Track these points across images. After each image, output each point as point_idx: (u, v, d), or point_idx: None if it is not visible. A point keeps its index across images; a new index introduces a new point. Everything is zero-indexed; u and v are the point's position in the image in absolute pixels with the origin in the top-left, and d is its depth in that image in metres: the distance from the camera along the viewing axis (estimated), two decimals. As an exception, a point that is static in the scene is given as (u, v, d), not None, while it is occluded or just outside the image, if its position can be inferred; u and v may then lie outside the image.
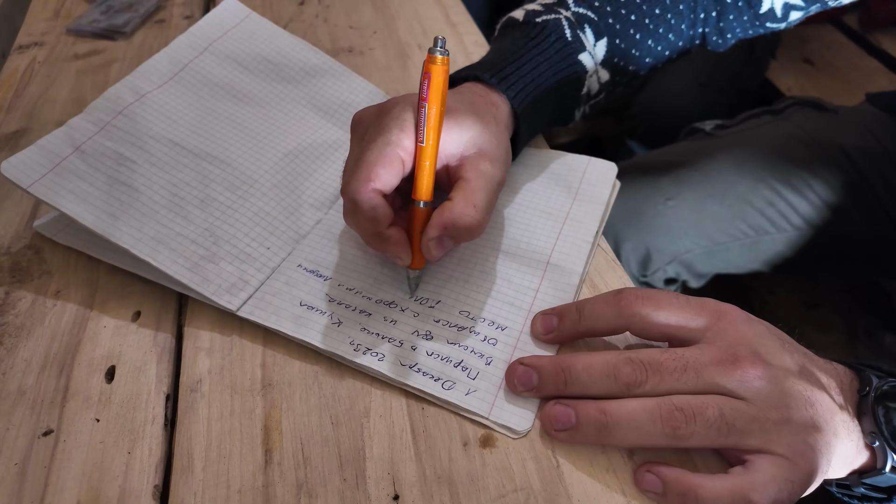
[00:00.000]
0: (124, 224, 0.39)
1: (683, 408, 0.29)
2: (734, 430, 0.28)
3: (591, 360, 0.31)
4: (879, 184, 0.66)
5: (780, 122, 0.73)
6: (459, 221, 0.34)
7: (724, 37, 0.52)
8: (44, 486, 0.31)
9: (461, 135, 0.37)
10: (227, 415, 0.34)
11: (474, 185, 0.35)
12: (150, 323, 0.38)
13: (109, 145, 0.42)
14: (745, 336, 0.31)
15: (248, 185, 0.43)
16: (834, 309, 1.00)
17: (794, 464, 0.28)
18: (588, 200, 0.44)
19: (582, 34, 0.46)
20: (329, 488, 0.30)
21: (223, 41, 0.52)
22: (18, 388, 0.35)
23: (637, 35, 0.48)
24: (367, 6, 0.70)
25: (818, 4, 0.51)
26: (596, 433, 0.30)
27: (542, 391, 0.32)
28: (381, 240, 0.35)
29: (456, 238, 0.35)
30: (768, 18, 0.51)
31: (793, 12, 0.51)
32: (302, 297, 0.38)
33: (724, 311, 0.32)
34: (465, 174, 0.36)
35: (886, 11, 1.18)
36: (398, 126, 0.35)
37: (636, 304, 0.32)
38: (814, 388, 0.30)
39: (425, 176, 0.35)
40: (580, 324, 0.34)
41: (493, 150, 0.37)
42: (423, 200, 0.36)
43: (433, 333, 0.36)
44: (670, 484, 0.29)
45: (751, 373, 0.29)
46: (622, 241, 0.69)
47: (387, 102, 0.37)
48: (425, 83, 0.34)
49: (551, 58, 0.44)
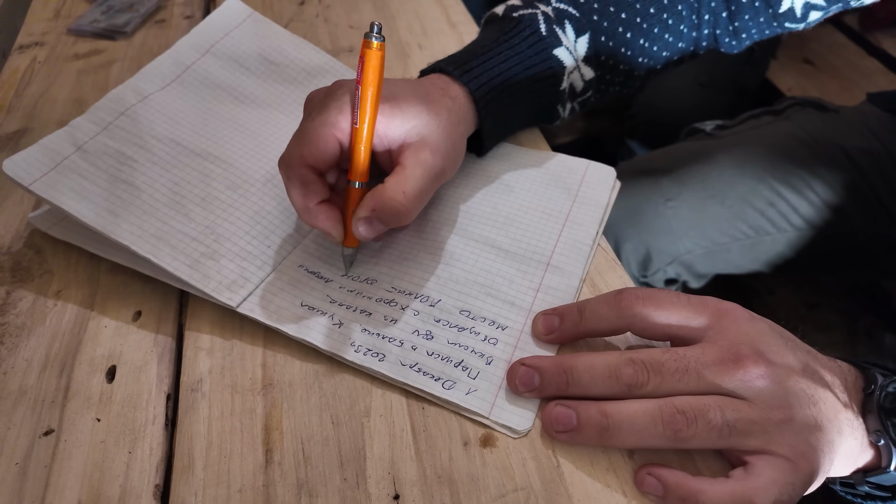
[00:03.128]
0: (125, 221, 0.39)
1: (685, 410, 0.29)
2: (735, 432, 0.28)
3: (593, 361, 0.31)
4: (880, 184, 0.66)
5: (780, 123, 0.72)
6: (387, 205, 0.35)
7: (739, 37, 0.51)
8: (45, 485, 0.31)
9: (404, 122, 0.37)
10: (228, 414, 0.34)
11: (409, 173, 0.36)
12: (150, 323, 0.38)
13: (111, 144, 0.42)
14: (748, 334, 0.31)
15: (249, 183, 0.43)
16: (834, 309, 1.00)
17: (795, 465, 0.28)
18: (588, 203, 0.44)
19: (559, 29, 0.45)
20: (329, 488, 0.31)
21: (225, 42, 0.52)
22: (19, 388, 0.35)
23: (628, 34, 0.48)
24: (367, 6, 0.70)
25: (840, 4, 0.49)
26: (597, 435, 0.30)
27: (543, 392, 0.32)
28: (310, 214, 0.36)
29: (384, 221, 0.36)
30: (787, 18, 0.50)
31: (813, 12, 0.50)
32: (303, 297, 0.38)
33: (725, 309, 0.32)
34: (404, 161, 0.36)
35: (886, 11, 1.18)
36: (337, 108, 0.36)
37: (637, 304, 0.32)
38: (817, 386, 0.30)
39: (360, 157, 0.36)
40: (581, 324, 0.34)
41: (436, 141, 0.37)
42: (357, 181, 0.37)
43: (433, 333, 0.36)
44: (671, 488, 0.29)
45: (753, 372, 0.29)
46: (622, 241, 0.68)
47: (333, 85, 0.38)
48: (359, 67, 0.35)
49: (522, 52, 0.44)
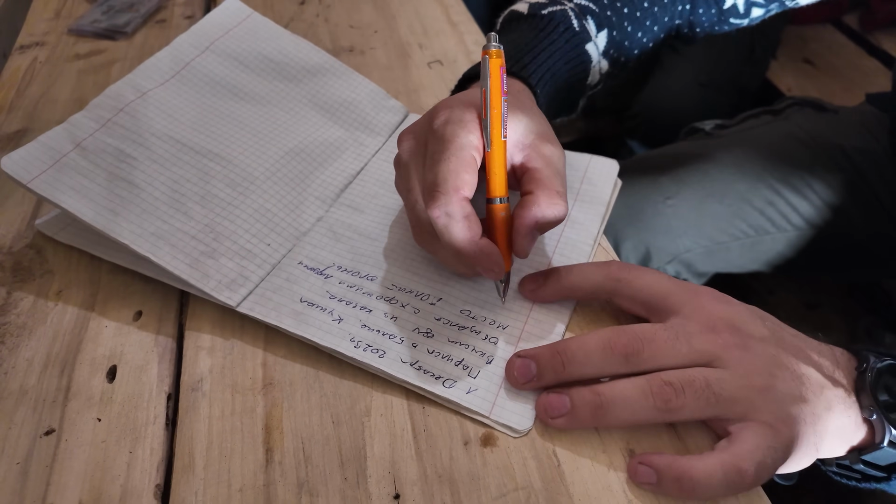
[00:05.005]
0: (124, 220, 0.39)
1: (672, 382, 0.30)
2: (721, 399, 0.29)
3: (585, 339, 0.32)
4: (879, 184, 0.66)
5: (779, 122, 0.73)
6: (550, 211, 0.34)
7: (694, 31, 0.54)
8: (45, 485, 0.31)
9: (517, 124, 0.36)
10: (229, 414, 0.34)
11: (548, 172, 0.35)
12: (151, 322, 0.38)
13: (110, 142, 0.42)
14: (724, 310, 0.32)
15: (248, 182, 0.43)
16: (834, 309, 1.00)
17: (776, 430, 0.29)
18: (589, 202, 0.44)
19: (587, 24, 0.46)
20: (330, 487, 0.31)
21: (225, 40, 0.52)
22: (20, 388, 0.35)
23: (629, 27, 0.49)
24: (367, 6, 0.70)
25: (777, 3, 0.53)
26: (591, 415, 0.31)
27: (542, 379, 0.33)
28: (479, 249, 0.33)
29: (545, 229, 0.35)
30: (731, 14, 0.53)
31: (754, 9, 0.53)
32: (302, 293, 0.38)
33: (700, 289, 0.34)
34: (533, 164, 0.35)
35: (886, 11, 1.18)
36: (463, 128, 0.34)
37: (623, 270, 0.35)
38: (800, 361, 0.31)
39: (500, 170, 0.34)
40: (567, 278, 0.36)
41: (547, 131, 0.37)
42: (499, 197, 0.35)
43: (434, 331, 0.36)
44: (663, 471, 0.29)
45: (730, 341, 0.31)
46: (622, 240, 0.69)
47: (434, 112, 0.36)
48: (501, 76, 0.34)
49: (562, 47, 0.44)
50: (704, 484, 0.28)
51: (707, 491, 0.28)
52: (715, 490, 0.28)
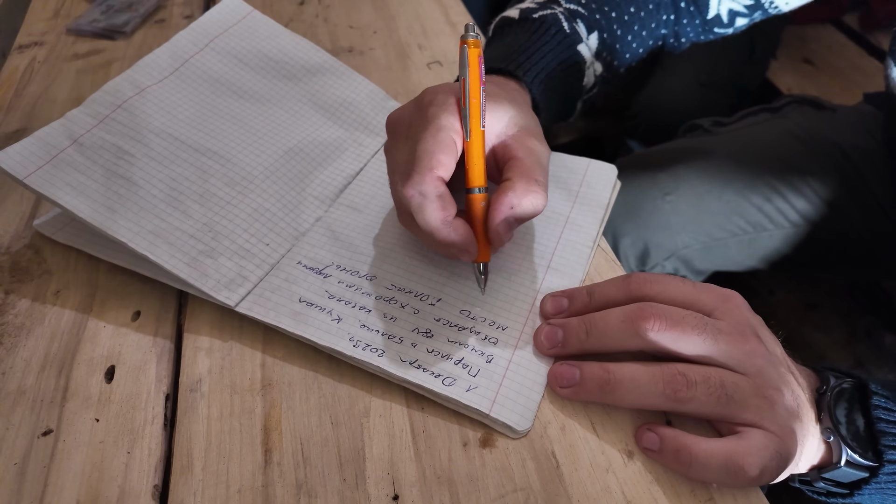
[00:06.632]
0: (122, 217, 0.38)
1: (686, 373, 0.30)
2: (732, 402, 0.30)
3: (610, 310, 0.33)
4: (876, 182, 0.66)
5: (777, 120, 0.73)
6: (524, 200, 0.33)
7: (679, 41, 0.55)
8: (43, 485, 0.31)
9: (501, 115, 0.36)
10: (227, 415, 0.33)
11: (528, 162, 0.34)
12: (149, 323, 0.38)
13: (108, 138, 0.42)
14: (749, 320, 0.32)
15: (247, 181, 0.43)
16: (834, 309, 0.99)
17: (783, 440, 0.29)
18: (588, 204, 0.44)
19: (577, 27, 0.47)
20: (329, 488, 0.30)
21: (224, 38, 0.52)
22: (18, 388, 0.35)
23: (619, 31, 0.50)
24: (367, 6, 0.70)
25: (760, 12, 0.55)
26: (598, 390, 0.31)
27: (566, 345, 0.33)
28: (451, 228, 0.33)
29: (522, 218, 0.35)
30: (715, 24, 0.55)
31: (738, 18, 0.55)
32: (301, 293, 0.38)
33: (729, 294, 0.33)
34: (516, 153, 0.35)
35: (886, 11, 1.18)
36: (445, 111, 0.34)
37: (645, 285, 0.34)
38: (795, 382, 0.32)
39: (478, 160, 0.34)
40: (590, 305, 0.35)
41: (535, 127, 0.37)
42: (477, 187, 0.35)
43: (433, 331, 0.36)
44: (666, 440, 0.30)
45: (757, 350, 0.31)
46: (620, 236, 0.69)
47: (421, 96, 0.36)
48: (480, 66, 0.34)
49: (555, 48, 0.45)
50: (702, 463, 0.29)
51: (703, 471, 0.29)
52: (711, 473, 0.29)
